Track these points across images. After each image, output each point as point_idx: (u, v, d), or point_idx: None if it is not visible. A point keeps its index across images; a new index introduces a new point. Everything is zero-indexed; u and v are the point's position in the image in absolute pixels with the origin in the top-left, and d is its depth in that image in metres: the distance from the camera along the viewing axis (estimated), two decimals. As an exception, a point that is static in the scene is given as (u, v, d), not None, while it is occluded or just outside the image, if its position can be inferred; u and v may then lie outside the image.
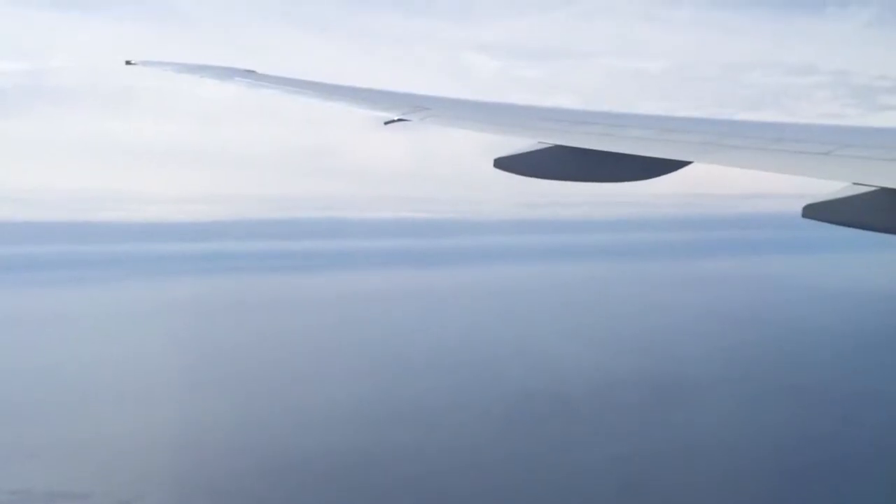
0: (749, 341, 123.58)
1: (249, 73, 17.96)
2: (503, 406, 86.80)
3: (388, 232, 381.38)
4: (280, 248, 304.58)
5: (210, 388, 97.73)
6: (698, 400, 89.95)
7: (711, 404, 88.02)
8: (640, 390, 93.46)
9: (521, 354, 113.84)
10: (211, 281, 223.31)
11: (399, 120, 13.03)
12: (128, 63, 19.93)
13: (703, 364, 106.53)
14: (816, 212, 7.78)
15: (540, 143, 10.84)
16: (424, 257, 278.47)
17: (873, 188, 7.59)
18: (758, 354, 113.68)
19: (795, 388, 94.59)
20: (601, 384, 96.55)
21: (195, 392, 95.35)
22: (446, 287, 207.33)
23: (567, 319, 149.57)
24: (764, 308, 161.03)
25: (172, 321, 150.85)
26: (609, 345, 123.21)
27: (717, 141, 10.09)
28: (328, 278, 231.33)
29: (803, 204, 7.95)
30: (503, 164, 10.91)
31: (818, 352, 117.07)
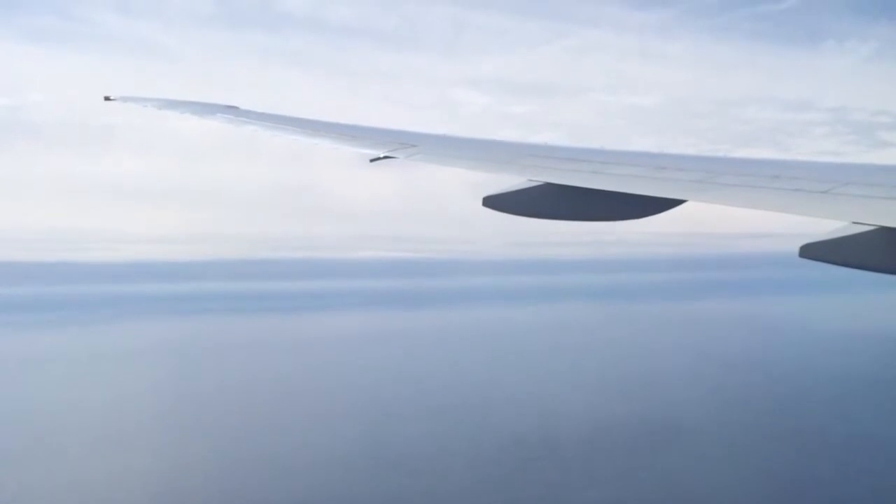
0: (745, 384, 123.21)
1: (231, 109, 17.94)
2: (490, 451, 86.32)
3: (373, 272, 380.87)
4: (260, 289, 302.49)
5: (187, 431, 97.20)
6: (691, 444, 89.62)
7: (704, 449, 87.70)
8: (632, 434, 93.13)
9: (510, 398, 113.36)
10: (189, 322, 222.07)
11: (385, 157, 12.97)
12: (106, 99, 19.82)
13: (696, 408, 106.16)
14: (814, 251, 7.76)
15: (529, 180, 10.80)
16: (411, 298, 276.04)
17: (873, 227, 7.57)
18: (754, 398, 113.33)
19: (792, 431, 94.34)
20: (592, 428, 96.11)
21: (172, 435, 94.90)
22: (433, 328, 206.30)
23: (557, 362, 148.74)
24: (760, 350, 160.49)
25: (150, 363, 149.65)
26: (600, 388, 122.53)
27: (711, 179, 10.05)
28: (310, 319, 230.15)
29: (801, 243, 7.93)
30: (492, 202, 10.87)
31: (816, 395, 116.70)
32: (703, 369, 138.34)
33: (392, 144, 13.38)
